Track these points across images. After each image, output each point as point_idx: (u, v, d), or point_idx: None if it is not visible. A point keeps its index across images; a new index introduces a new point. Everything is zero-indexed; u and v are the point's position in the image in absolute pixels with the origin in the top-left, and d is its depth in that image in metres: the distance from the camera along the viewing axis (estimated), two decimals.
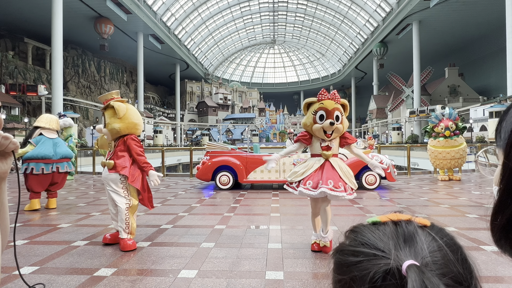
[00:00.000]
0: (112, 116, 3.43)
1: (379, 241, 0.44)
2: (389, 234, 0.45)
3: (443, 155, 8.44)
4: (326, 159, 3.20)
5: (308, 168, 3.20)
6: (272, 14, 51.63)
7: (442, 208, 5.29)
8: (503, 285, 2.42)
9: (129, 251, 3.27)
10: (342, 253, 0.46)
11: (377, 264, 0.41)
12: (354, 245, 0.46)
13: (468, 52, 42.07)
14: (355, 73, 55.52)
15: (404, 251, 0.42)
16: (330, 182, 3.05)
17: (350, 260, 0.44)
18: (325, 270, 2.79)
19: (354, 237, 0.47)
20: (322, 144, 3.21)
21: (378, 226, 0.47)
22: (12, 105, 27.18)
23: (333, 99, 3.14)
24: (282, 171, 7.72)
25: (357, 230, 0.49)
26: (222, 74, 70.93)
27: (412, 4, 29.34)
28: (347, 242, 0.48)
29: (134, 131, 3.52)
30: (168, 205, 5.84)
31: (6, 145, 0.73)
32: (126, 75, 48.24)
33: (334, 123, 3.06)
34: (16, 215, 1.03)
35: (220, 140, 45.74)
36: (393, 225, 0.46)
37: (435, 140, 8.59)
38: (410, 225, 0.46)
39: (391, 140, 39.22)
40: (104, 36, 32.04)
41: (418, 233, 0.44)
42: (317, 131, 3.14)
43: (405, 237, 0.44)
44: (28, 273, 2.72)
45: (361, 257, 0.43)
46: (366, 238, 0.45)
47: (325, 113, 3.10)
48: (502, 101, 22.01)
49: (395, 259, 0.40)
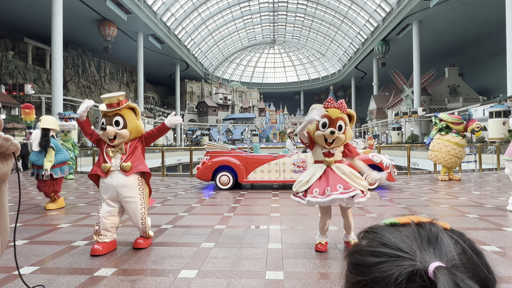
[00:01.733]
0: (131, 116, 3.38)
1: (401, 242, 0.42)
2: (411, 235, 0.43)
3: (456, 152, 8.60)
4: (328, 166, 3.18)
5: (312, 176, 3.17)
6: (272, 14, 51.61)
7: (442, 208, 5.29)
8: (504, 285, 2.42)
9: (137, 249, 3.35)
10: (360, 254, 0.45)
11: (401, 265, 0.39)
12: (374, 246, 0.44)
13: (468, 52, 42.07)
14: (355, 73, 55.50)
15: (428, 252, 0.41)
16: (340, 186, 3.00)
17: (370, 260, 0.42)
18: (325, 270, 2.79)
19: (373, 237, 0.46)
20: (323, 150, 3.19)
21: (398, 227, 0.46)
22: (12, 105, 27.19)
23: (339, 108, 3.12)
24: (282, 171, 7.72)
25: (374, 231, 0.47)
26: (222, 74, 70.92)
27: (412, 4, 29.33)
28: (364, 243, 0.47)
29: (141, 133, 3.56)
30: (168, 205, 5.84)
31: (7, 146, 0.73)
32: (126, 75, 48.22)
33: (334, 132, 3.03)
34: (17, 215, 1.03)
35: (220, 140, 45.73)
36: (415, 226, 0.45)
37: (448, 135, 8.72)
38: (434, 226, 0.45)
39: (391, 140, 39.22)
40: (107, 39, 32.13)
41: (443, 235, 0.43)
42: (318, 138, 3.14)
43: (429, 239, 0.43)
44: (28, 273, 2.72)
45: (383, 258, 0.41)
46: (386, 239, 0.44)
47: (328, 121, 3.08)
48: (502, 101, 22.00)
49: (421, 261, 0.39)
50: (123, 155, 3.36)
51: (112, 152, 3.36)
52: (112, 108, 3.28)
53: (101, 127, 3.29)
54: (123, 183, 3.29)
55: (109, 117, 3.30)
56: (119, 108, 3.29)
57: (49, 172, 5.36)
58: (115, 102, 3.29)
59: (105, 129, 3.24)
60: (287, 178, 7.65)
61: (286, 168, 7.70)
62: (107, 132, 3.23)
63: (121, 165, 3.31)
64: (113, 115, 3.29)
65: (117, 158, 3.35)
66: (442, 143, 8.74)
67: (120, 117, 3.30)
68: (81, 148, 12.70)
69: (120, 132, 3.28)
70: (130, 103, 3.38)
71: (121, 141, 3.33)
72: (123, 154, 3.36)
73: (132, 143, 3.42)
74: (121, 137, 3.30)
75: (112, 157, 3.36)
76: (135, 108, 3.42)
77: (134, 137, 3.42)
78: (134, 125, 3.37)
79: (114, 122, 3.28)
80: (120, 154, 3.36)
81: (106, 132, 3.24)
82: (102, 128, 3.28)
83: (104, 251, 3.21)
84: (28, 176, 11.35)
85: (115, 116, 3.29)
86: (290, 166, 7.65)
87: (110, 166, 3.31)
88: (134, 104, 3.41)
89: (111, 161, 3.34)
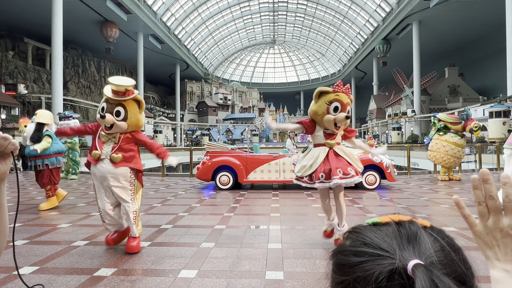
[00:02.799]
0: (135, 109, 3.23)
1: (382, 241, 0.43)
2: (392, 234, 0.44)
3: (454, 152, 8.59)
4: (330, 148, 3.20)
5: (315, 159, 3.18)
6: (272, 14, 51.64)
7: (442, 208, 5.29)
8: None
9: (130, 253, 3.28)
10: (343, 254, 0.45)
11: (381, 264, 0.40)
12: (356, 246, 0.45)
13: (468, 52, 42.08)
14: (355, 73, 55.52)
15: (408, 250, 0.41)
16: (340, 171, 3.05)
17: (352, 260, 0.43)
18: (325, 270, 2.79)
19: (356, 237, 0.47)
20: (327, 132, 3.21)
21: (380, 227, 0.47)
22: (12, 105, 27.18)
23: (347, 93, 3.15)
24: (282, 171, 7.72)
25: (357, 230, 0.48)
26: (222, 74, 70.95)
27: (412, 4, 29.35)
28: (347, 243, 0.47)
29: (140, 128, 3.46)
30: (168, 205, 5.84)
31: (5, 145, 0.73)
32: (126, 75, 48.17)
33: (349, 117, 3.09)
34: (16, 215, 1.03)
35: (220, 140, 45.75)
36: (396, 225, 0.46)
37: (446, 135, 8.70)
38: (413, 225, 0.46)
39: (391, 140, 39.24)
40: (109, 40, 32.19)
41: (421, 233, 0.44)
42: (328, 122, 3.10)
43: (408, 237, 0.43)
44: (28, 273, 2.72)
45: (364, 257, 0.42)
46: (368, 239, 0.44)
47: (340, 105, 3.07)
48: (502, 101, 22.01)
49: (400, 259, 0.40)
50: (115, 145, 3.22)
51: (104, 137, 3.22)
52: (117, 96, 3.11)
53: (100, 113, 3.11)
54: (112, 172, 3.18)
55: (112, 104, 3.12)
56: (125, 99, 3.13)
57: (38, 150, 5.15)
58: (122, 91, 3.11)
59: (103, 117, 3.07)
60: (287, 178, 7.65)
61: (286, 168, 7.70)
62: (106, 121, 3.09)
63: (111, 155, 3.18)
64: (116, 103, 3.13)
65: (109, 146, 3.22)
66: (441, 143, 8.74)
67: (122, 107, 3.14)
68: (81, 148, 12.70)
69: (118, 124, 3.14)
70: (136, 95, 3.21)
71: (117, 131, 3.19)
72: (115, 144, 3.22)
73: (127, 135, 3.28)
74: (118, 128, 3.17)
75: (104, 143, 3.23)
76: (140, 100, 3.27)
77: (131, 130, 3.28)
78: (135, 119, 3.23)
79: (115, 112, 3.12)
80: (112, 143, 3.23)
81: (104, 120, 3.09)
82: (101, 115, 3.09)
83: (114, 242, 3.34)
84: (28, 176, 11.34)
85: (118, 105, 3.13)
86: (290, 166, 7.64)
87: (100, 154, 3.18)
88: (140, 97, 3.26)
89: (103, 147, 3.21)
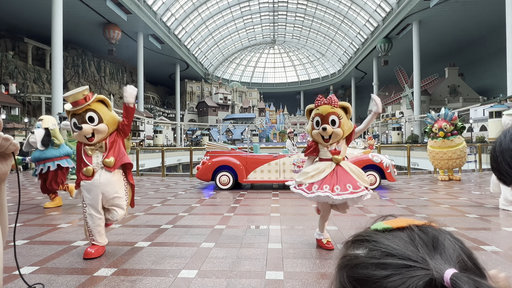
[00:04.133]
0: (104, 109, 3.13)
1: (406, 250, 0.39)
2: (413, 241, 0.40)
3: (440, 156, 8.49)
4: (337, 163, 3.17)
5: (320, 172, 3.14)
6: (272, 14, 51.65)
7: (442, 208, 5.29)
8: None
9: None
10: (362, 267, 0.40)
11: (414, 277, 0.36)
12: (376, 257, 0.40)
13: (468, 52, 42.10)
14: (355, 73, 55.57)
15: (436, 258, 0.38)
16: (349, 186, 3.02)
17: (377, 274, 0.38)
18: (325, 270, 2.79)
19: (372, 246, 0.42)
20: (330, 149, 3.19)
21: (393, 233, 0.42)
22: (12, 105, 27.19)
23: (330, 103, 3.11)
24: (282, 171, 7.72)
25: (369, 239, 0.43)
26: (222, 74, 70.97)
27: (412, 4, 29.37)
28: (361, 254, 0.42)
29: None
30: (168, 205, 5.84)
31: (6, 146, 0.73)
32: (126, 75, 48.25)
33: (326, 128, 3.03)
34: (17, 215, 1.03)
35: (220, 140, 45.75)
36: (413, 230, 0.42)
37: (432, 140, 8.65)
38: (431, 228, 0.42)
39: (391, 140, 39.25)
40: (112, 41, 32.26)
41: (443, 237, 0.41)
42: (316, 137, 3.19)
43: (433, 243, 0.40)
44: (28, 273, 2.72)
45: (391, 270, 0.37)
46: (390, 248, 0.40)
47: (320, 119, 3.10)
48: (502, 101, 22.01)
49: (435, 269, 0.36)
50: (104, 153, 3.15)
51: (91, 150, 3.13)
52: (80, 105, 3.00)
53: (75, 127, 3.01)
54: (108, 181, 3.11)
55: (80, 115, 3.02)
56: (88, 103, 3.03)
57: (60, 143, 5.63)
58: (81, 98, 3.02)
59: (80, 128, 2.96)
60: (287, 178, 7.65)
61: (286, 168, 7.70)
62: (84, 131, 2.98)
63: (104, 162, 3.11)
64: (84, 112, 3.03)
65: (98, 156, 3.14)
66: (430, 151, 8.77)
67: (92, 112, 3.05)
68: None
69: (98, 128, 3.04)
70: (98, 95, 3.15)
71: (101, 137, 3.10)
72: (104, 152, 3.15)
73: (110, 137, 3.20)
74: (100, 133, 3.07)
75: (91, 156, 3.14)
76: (104, 99, 3.17)
77: (112, 130, 3.21)
78: (110, 117, 3.14)
79: (88, 119, 3.03)
80: (100, 153, 3.15)
81: (83, 131, 2.98)
82: (77, 128, 2.99)
83: (96, 254, 3.09)
84: (28, 176, 11.34)
85: (86, 112, 3.03)
86: (290, 166, 7.65)
87: (93, 168, 3.11)
88: (102, 96, 3.17)
89: (92, 160, 3.13)
